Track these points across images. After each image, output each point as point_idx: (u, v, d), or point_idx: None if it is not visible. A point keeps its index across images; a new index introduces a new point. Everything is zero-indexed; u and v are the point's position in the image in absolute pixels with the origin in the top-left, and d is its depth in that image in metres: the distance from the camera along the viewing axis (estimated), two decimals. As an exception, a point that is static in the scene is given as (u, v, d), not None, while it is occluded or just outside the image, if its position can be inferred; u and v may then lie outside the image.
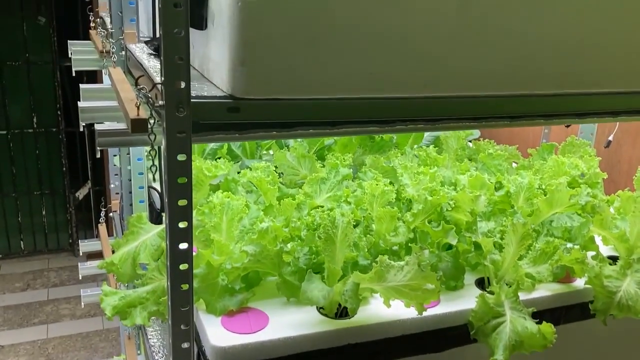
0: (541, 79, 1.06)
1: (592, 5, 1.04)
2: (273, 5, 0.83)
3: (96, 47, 1.57)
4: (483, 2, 0.96)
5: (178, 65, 0.81)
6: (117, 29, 1.42)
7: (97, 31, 1.53)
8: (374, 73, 0.93)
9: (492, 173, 1.65)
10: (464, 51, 0.98)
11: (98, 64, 1.55)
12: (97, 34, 1.52)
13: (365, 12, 0.88)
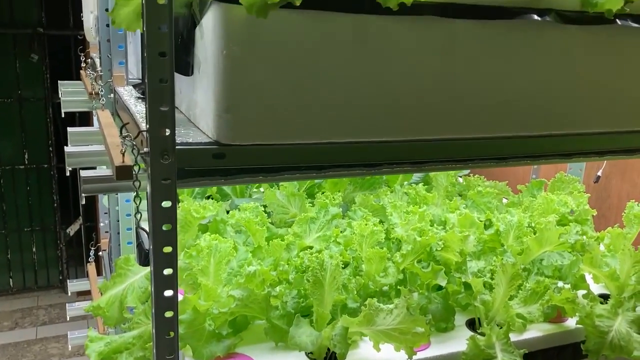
0: (526, 121, 1.07)
1: (575, 50, 1.06)
2: (257, 53, 0.84)
3: (86, 88, 1.58)
4: (467, 49, 0.97)
5: (163, 112, 0.81)
6: (107, 71, 1.43)
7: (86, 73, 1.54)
8: (359, 118, 0.94)
9: (482, 211, 1.65)
10: (448, 95, 0.99)
11: (87, 105, 1.56)
12: (87, 75, 1.53)
13: (348, 60, 0.89)
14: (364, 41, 0.90)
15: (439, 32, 0.94)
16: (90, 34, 1.50)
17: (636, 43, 1.11)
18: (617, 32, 1.08)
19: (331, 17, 0.87)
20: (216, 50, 0.83)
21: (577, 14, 1.03)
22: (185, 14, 0.95)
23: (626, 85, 1.14)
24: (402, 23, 0.91)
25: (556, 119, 1.10)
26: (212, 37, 0.84)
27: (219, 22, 0.82)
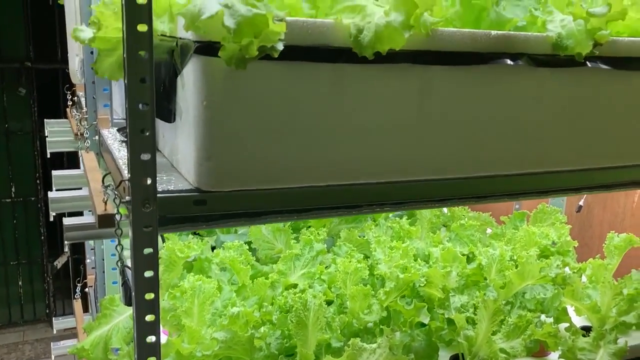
0: (503, 160, 1.10)
1: (547, 92, 1.09)
2: (237, 103, 0.86)
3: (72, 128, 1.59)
4: (443, 93, 1.00)
5: (144, 162, 0.83)
6: (92, 112, 1.45)
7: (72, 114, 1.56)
8: (339, 162, 0.96)
9: (465, 244, 1.67)
10: (425, 138, 1.01)
11: (73, 146, 1.57)
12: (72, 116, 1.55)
13: (326, 107, 0.92)
14: (341, 89, 0.92)
15: (415, 78, 0.97)
16: (76, 76, 1.52)
17: (606, 83, 1.15)
18: (587, 74, 1.11)
19: (309, 67, 0.89)
20: (197, 101, 0.85)
21: (548, 57, 1.06)
22: (167, 59, 0.97)
23: (598, 123, 1.17)
24: (378, 71, 0.93)
25: (532, 158, 1.13)
26: (192, 88, 0.86)
27: (199, 74, 0.84)
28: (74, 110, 1.57)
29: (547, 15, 1.09)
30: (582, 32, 1.04)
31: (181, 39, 0.88)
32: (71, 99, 1.97)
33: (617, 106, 1.18)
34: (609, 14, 1.01)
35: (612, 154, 1.22)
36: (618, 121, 1.19)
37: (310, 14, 0.94)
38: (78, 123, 1.41)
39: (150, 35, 0.79)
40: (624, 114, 1.19)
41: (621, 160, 1.23)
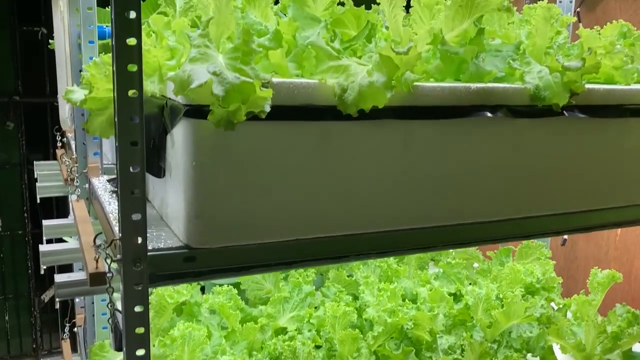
0: (485, 208, 1.13)
1: (526, 141, 1.12)
2: (226, 163, 0.88)
3: (62, 173, 1.61)
4: (425, 146, 1.03)
5: (135, 222, 0.85)
6: (82, 158, 1.46)
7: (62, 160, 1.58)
8: (326, 215, 0.98)
9: (452, 281, 1.70)
10: (409, 189, 1.04)
11: (63, 191, 1.58)
12: (62, 162, 1.57)
13: (313, 163, 0.94)
14: (327, 145, 0.95)
15: (398, 132, 1.00)
16: (66, 122, 1.54)
17: (583, 131, 1.19)
18: (565, 122, 1.15)
19: (296, 126, 0.92)
20: (186, 161, 0.87)
21: (527, 107, 1.10)
22: (157, 114, 0.99)
23: (577, 169, 1.21)
24: (362, 127, 0.96)
25: (513, 204, 1.16)
26: (182, 148, 0.88)
27: (188, 136, 0.86)
28: (64, 157, 1.59)
29: (525, 66, 1.13)
30: (558, 85, 1.08)
31: (171, 99, 0.91)
32: (60, 140, 1.98)
33: (594, 152, 1.22)
34: (583, 68, 1.06)
35: (591, 198, 1.25)
36: (595, 166, 1.23)
37: (296, 74, 0.97)
38: (68, 170, 1.43)
39: (141, 101, 0.82)
40: (601, 159, 1.23)
41: (600, 204, 1.27)
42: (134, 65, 0.80)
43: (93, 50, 1.33)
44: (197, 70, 0.81)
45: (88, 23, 1.32)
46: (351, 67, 0.95)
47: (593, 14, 2.05)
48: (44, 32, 4.11)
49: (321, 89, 0.93)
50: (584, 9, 2.03)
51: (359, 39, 1.09)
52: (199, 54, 0.84)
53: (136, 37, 0.80)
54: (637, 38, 1.38)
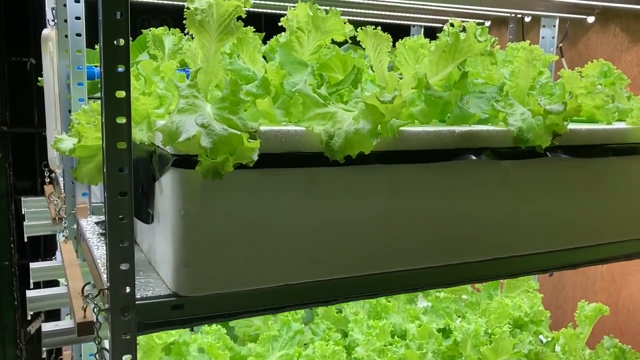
0: (471, 248, 1.14)
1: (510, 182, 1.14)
2: (214, 211, 0.89)
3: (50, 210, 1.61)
4: (411, 189, 1.04)
5: (124, 272, 0.85)
6: (70, 197, 1.46)
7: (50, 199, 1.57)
8: (314, 259, 0.99)
9: (441, 316, 1.70)
10: (396, 232, 1.05)
11: (51, 229, 1.58)
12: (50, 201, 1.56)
13: (300, 208, 0.95)
14: (314, 191, 0.96)
15: (384, 176, 1.02)
16: (55, 162, 1.54)
17: (566, 170, 1.21)
18: (548, 163, 1.17)
19: (283, 173, 0.93)
20: (174, 210, 0.88)
21: (510, 149, 1.12)
22: (146, 160, 1.00)
23: (562, 208, 1.23)
24: (349, 172, 0.98)
25: (499, 244, 1.17)
26: (170, 197, 0.89)
27: (176, 185, 0.87)
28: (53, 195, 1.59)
29: (508, 108, 1.15)
30: (541, 127, 1.10)
31: (159, 147, 0.92)
32: (49, 176, 1.98)
33: (578, 191, 1.24)
34: (565, 111, 1.08)
35: (577, 236, 1.27)
36: (580, 205, 1.25)
37: (283, 121, 0.98)
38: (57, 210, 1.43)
39: (130, 152, 0.82)
40: (585, 197, 1.25)
41: (586, 241, 1.28)
42: (123, 117, 0.81)
43: (82, 92, 1.34)
44: (186, 122, 0.82)
45: (77, 65, 1.33)
46: (338, 114, 0.96)
47: (575, 49, 2.10)
48: (32, 63, 4.12)
49: (308, 136, 0.94)
50: (566, 43, 2.08)
51: (346, 83, 1.11)
52: (187, 105, 0.85)
53: (125, 90, 0.81)
54: (617, 77, 1.42)
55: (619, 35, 1.90)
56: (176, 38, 1.35)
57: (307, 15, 1.14)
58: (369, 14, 2.29)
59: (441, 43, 1.10)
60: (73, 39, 1.31)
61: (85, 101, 1.35)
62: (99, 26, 0.79)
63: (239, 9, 0.92)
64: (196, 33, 0.93)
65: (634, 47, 1.86)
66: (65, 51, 1.39)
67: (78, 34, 1.31)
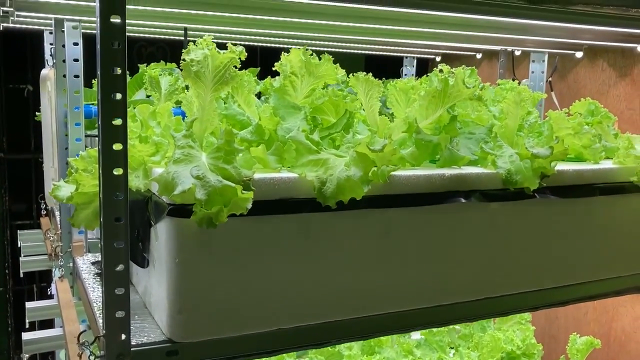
0: (462, 288, 1.16)
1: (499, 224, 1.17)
2: (208, 258, 0.91)
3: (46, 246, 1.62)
4: (402, 232, 1.06)
5: (119, 319, 0.87)
6: (66, 233, 1.48)
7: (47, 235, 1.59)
8: (307, 304, 1.00)
9: (435, 349, 1.71)
10: (388, 274, 1.07)
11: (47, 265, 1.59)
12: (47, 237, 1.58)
13: (293, 253, 0.97)
14: (307, 236, 0.98)
15: (375, 220, 1.04)
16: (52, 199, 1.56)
17: (554, 211, 1.23)
18: (537, 203, 1.19)
19: (276, 219, 0.95)
20: (169, 257, 0.90)
21: (499, 191, 1.14)
22: (142, 206, 1.02)
23: (551, 247, 1.25)
24: (341, 217, 1.00)
25: (489, 284, 1.19)
26: (165, 244, 0.91)
27: (172, 233, 0.89)
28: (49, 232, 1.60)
29: (497, 149, 1.18)
30: (529, 170, 1.13)
31: (155, 195, 0.94)
32: (45, 208, 1.99)
33: (567, 230, 1.26)
34: (552, 155, 1.11)
35: (566, 274, 1.29)
36: (568, 244, 1.27)
37: (276, 166, 1.00)
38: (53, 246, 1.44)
39: (126, 202, 0.84)
40: (573, 236, 1.28)
41: (573, 279, 1.30)
42: (120, 169, 0.83)
43: (79, 132, 1.36)
44: (181, 173, 0.84)
45: (75, 105, 1.35)
46: (330, 161, 0.99)
47: (565, 82, 2.14)
48: (30, 90, 4.15)
49: (301, 183, 0.96)
50: (556, 76, 2.12)
51: (338, 127, 1.14)
52: (183, 155, 0.88)
53: (122, 143, 0.83)
54: (604, 116, 1.45)
55: (607, 70, 1.94)
56: (172, 78, 1.37)
57: (301, 61, 1.17)
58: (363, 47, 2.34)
59: (431, 89, 1.13)
60: (71, 80, 1.33)
61: (82, 140, 1.37)
62: (97, 56, 0.81)
63: (234, 61, 0.95)
64: (192, 83, 0.96)
65: (622, 82, 1.90)
66: (64, 90, 1.42)
67: (76, 76, 1.34)
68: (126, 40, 0.81)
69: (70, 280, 1.42)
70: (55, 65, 1.40)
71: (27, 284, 4.33)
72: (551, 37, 1.67)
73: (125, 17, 0.81)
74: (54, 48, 1.40)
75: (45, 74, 1.47)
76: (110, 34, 0.80)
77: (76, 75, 1.34)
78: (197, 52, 0.94)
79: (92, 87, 1.62)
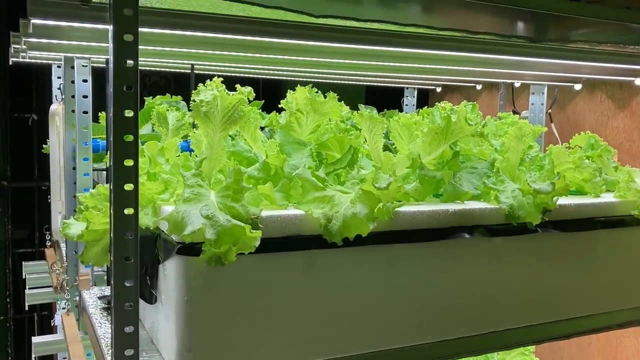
0: (466, 323, 1.17)
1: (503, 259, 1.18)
2: (216, 296, 0.92)
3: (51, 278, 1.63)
4: (407, 267, 1.07)
5: (128, 358, 0.87)
6: (72, 266, 1.49)
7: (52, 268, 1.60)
8: (313, 340, 1.01)
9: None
10: (394, 309, 1.08)
11: (52, 297, 1.60)
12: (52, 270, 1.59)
13: (300, 290, 0.98)
14: (313, 272, 1.00)
15: (380, 256, 1.05)
16: (58, 233, 1.57)
17: (557, 244, 1.24)
18: (539, 238, 1.21)
19: (283, 256, 0.97)
20: (178, 295, 0.91)
21: (502, 226, 1.16)
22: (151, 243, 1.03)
23: (553, 281, 1.26)
24: (346, 253, 1.01)
25: (493, 317, 1.20)
26: (174, 282, 0.92)
27: (181, 272, 0.90)
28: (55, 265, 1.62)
29: (500, 184, 1.20)
30: (531, 205, 1.15)
31: (164, 233, 0.95)
32: (49, 239, 2.01)
33: (569, 263, 1.28)
34: (553, 191, 1.12)
35: (569, 307, 1.30)
36: (570, 277, 1.28)
37: (282, 203, 1.02)
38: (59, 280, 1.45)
39: (137, 242, 0.86)
40: (575, 270, 1.29)
41: (576, 312, 1.31)
42: (131, 208, 0.85)
43: (87, 167, 1.39)
44: (191, 213, 0.86)
45: (83, 140, 1.38)
46: (335, 197, 1.01)
47: (564, 113, 2.16)
48: (34, 118, 4.20)
49: (307, 220, 0.98)
50: (555, 108, 2.15)
51: (343, 162, 1.16)
52: (192, 194, 0.89)
53: (133, 183, 0.85)
54: (604, 149, 1.47)
55: (605, 102, 1.97)
56: (180, 114, 1.40)
57: (306, 98, 1.19)
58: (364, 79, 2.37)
59: (434, 126, 1.15)
60: (80, 116, 1.36)
61: (90, 175, 1.39)
62: (108, 99, 0.83)
63: (242, 101, 0.98)
64: (201, 123, 0.98)
65: (620, 114, 1.92)
66: (72, 125, 1.44)
67: (85, 112, 1.37)
68: (138, 83, 0.84)
69: (75, 314, 1.43)
70: (64, 101, 1.42)
71: (28, 313, 4.32)
72: (551, 72, 1.70)
73: (138, 60, 0.84)
74: (63, 84, 1.43)
75: (54, 110, 1.50)
76: (123, 76, 0.83)
77: (85, 112, 1.36)
78: (206, 93, 0.97)
79: (99, 120, 1.64)
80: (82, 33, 1.10)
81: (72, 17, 1.01)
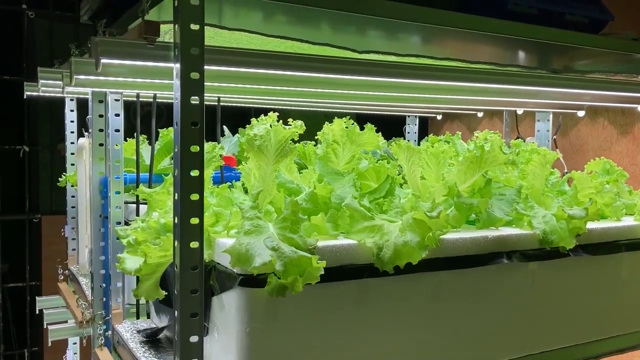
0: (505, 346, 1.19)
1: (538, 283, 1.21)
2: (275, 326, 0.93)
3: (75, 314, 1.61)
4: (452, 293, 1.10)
5: (192, 391, 0.88)
6: (98, 300, 1.48)
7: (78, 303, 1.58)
8: (364, 367, 1.03)
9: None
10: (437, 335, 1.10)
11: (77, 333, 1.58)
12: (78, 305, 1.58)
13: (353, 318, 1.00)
14: (365, 300, 1.01)
15: (428, 283, 1.08)
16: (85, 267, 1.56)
17: (588, 267, 1.28)
18: (571, 261, 1.24)
19: (337, 285, 0.98)
20: (239, 327, 0.92)
21: (536, 251, 1.19)
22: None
23: (584, 303, 1.30)
24: (397, 281, 1.03)
25: (530, 340, 1.23)
26: (234, 314, 0.93)
27: (243, 304, 0.91)
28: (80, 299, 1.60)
29: (529, 210, 1.23)
30: (565, 230, 1.18)
31: (221, 265, 0.96)
32: (62, 273, 1.99)
33: (597, 286, 1.31)
34: (587, 216, 1.17)
35: (598, 328, 1.33)
36: (598, 299, 1.32)
37: (334, 235, 1.04)
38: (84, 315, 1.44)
39: (202, 275, 0.87)
40: (602, 292, 1.33)
41: (605, 333, 1.35)
42: (196, 242, 0.86)
43: (119, 200, 1.39)
44: (255, 245, 0.88)
45: (115, 174, 1.38)
46: (384, 226, 1.03)
47: (567, 139, 2.23)
48: (25, 151, 4.16)
49: (360, 249, 1.00)
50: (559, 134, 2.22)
51: (381, 192, 1.19)
52: (253, 227, 0.91)
53: (198, 216, 0.86)
54: (619, 174, 1.52)
55: (608, 127, 2.04)
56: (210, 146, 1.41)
57: (343, 130, 1.23)
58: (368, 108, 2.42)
59: (469, 155, 1.19)
60: (113, 150, 1.37)
61: (121, 208, 1.40)
62: (176, 134, 0.85)
63: (294, 134, 1.00)
64: (254, 156, 1.01)
65: (623, 139, 1.99)
66: (100, 158, 1.45)
67: (117, 145, 1.37)
68: (204, 119, 0.86)
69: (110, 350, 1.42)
70: (92, 135, 1.43)
71: (18, 349, 4.21)
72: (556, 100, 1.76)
73: (204, 97, 0.86)
74: (91, 118, 1.44)
75: (82, 144, 1.50)
76: (189, 113, 0.85)
77: (117, 145, 1.37)
78: (259, 127, 0.99)
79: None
80: (117, 69, 1.12)
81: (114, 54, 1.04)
